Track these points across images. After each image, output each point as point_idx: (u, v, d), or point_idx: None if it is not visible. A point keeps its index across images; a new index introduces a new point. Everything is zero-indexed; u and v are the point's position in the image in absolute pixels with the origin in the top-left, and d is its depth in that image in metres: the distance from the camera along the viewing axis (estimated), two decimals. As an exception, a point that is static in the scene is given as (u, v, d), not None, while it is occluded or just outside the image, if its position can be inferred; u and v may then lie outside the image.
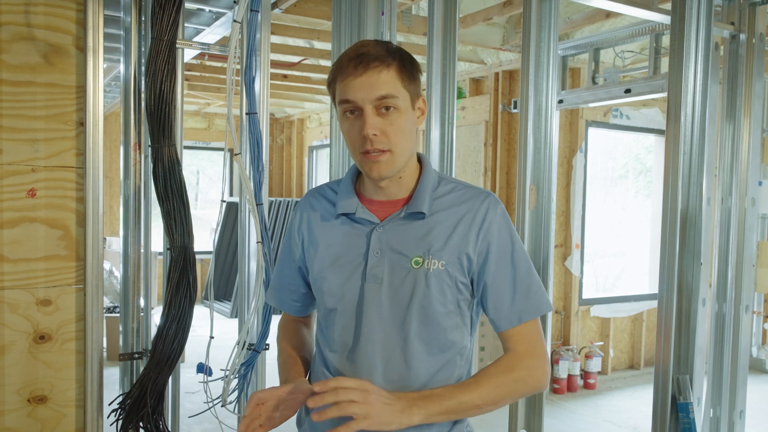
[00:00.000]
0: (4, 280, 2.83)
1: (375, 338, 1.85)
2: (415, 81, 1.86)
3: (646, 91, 5.36)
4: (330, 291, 1.90)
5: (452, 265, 1.83)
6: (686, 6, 3.37)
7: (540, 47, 3.52)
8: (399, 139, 1.80)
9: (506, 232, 1.89)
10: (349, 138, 1.82)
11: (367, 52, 1.79)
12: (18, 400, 2.89)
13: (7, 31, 2.79)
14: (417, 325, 1.83)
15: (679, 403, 3.44)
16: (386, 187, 1.89)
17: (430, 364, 1.86)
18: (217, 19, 4.19)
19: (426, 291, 1.82)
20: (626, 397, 7.19)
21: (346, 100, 1.78)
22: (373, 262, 1.85)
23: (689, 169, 3.43)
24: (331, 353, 1.93)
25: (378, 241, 1.86)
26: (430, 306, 1.83)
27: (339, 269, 1.89)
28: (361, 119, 1.77)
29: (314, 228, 1.97)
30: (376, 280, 1.84)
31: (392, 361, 1.84)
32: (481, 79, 7.99)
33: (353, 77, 1.77)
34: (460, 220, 1.86)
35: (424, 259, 1.83)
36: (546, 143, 3.54)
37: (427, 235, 1.85)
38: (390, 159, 1.80)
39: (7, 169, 2.81)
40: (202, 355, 3.41)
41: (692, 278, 3.45)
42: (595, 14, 5.58)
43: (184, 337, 3.15)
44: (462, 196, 1.91)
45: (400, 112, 1.80)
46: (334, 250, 1.91)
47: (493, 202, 1.90)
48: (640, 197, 9.30)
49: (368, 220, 1.89)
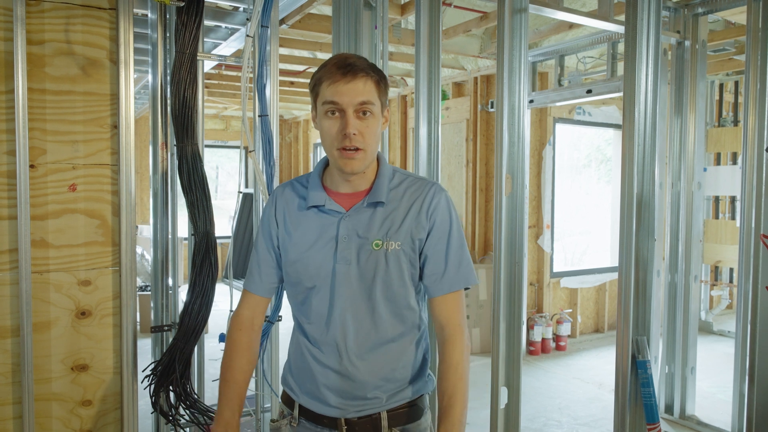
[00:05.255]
0: (50, 264, 2.84)
1: (347, 308, 1.90)
2: (385, 94, 1.92)
3: (605, 92, 5.37)
4: (307, 272, 1.93)
5: (406, 244, 1.90)
6: (637, 18, 3.37)
7: (512, 55, 3.51)
8: (371, 139, 1.85)
9: (447, 214, 1.95)
10: (328, 135, 1.85)
11: (354, 63, 1.83)
12: (63, 368, 2.89)
13: (50, 47, 2.79)
14: (381, 296, 1.89)
15: (638, 361, 3.45)
16: (352, 180, 1.93)
17: (394, 326, 1.94)
18: (232, 34, 4.19)
19: (386, 268, 1.88)
20: (593, 357, 7.21)
21: (332, 102, 1.81)
22: (343, 246, 1.89)
23: (643, 159, 3.44)
24: (308, 324, 1.97)
25: (345, 228, 1.90)
26: (390, 280, 1.89)
27: (314, 253, 1.92)
28: (343, 120, 1.81)
29: (288, 218, 2.00)
30: (345, 261, 1.89)
31: (363, 326, 1.91)
32: (463, 83, 7.96)
33: (342, 83, 1.80)
34: (411, 206, 1.92)
35: (383, 242, 1.88)
36: (519, 138, 3.55)
37: (385, 221, 1.90)
38: (362, 156, 1.85)
39: (51, 167, 2.81)
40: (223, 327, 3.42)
41: (647, 252, 3.46)
42: (560, 25, 5.56)
43: (207, 311, 3.16)
44: (412, 185, 1.97)
45: (375, 117, 1.85)
46: (308, 237, 1.94)
47: (438, 189, 1.97)
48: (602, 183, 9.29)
49: (335, 210, 1.92)
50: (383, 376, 1.93)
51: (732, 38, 5.70)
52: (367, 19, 3.93)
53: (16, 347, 2.76)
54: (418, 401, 2.01)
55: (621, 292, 3.48)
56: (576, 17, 4.22)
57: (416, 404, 2.00)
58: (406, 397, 1.98)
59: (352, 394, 1.92)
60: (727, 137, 7.54)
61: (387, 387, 1.94)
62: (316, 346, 1.96)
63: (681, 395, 5.30)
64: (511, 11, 3.51)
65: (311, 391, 1.97)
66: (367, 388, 1.92)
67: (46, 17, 2.77)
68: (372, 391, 1.93)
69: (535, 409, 5.52)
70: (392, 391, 1.95)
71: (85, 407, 2.95)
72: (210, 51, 4.50)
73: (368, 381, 1.92)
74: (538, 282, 7.61)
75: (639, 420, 3.49)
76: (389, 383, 1.94)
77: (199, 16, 3.11)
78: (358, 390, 1.92)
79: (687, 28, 5.14)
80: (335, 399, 1.93)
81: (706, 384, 6.08)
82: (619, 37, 5.34)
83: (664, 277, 5.43)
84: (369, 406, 1.93)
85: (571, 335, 7.80)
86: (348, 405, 1.93)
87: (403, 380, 1.97)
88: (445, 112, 7.94)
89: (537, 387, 6.10)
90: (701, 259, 5.38)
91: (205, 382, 3.60)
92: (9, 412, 2.78)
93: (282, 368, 2.16)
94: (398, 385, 1.96)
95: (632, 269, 3.45)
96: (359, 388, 1.92)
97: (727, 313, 8.76)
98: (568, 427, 5.18)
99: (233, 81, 8.33)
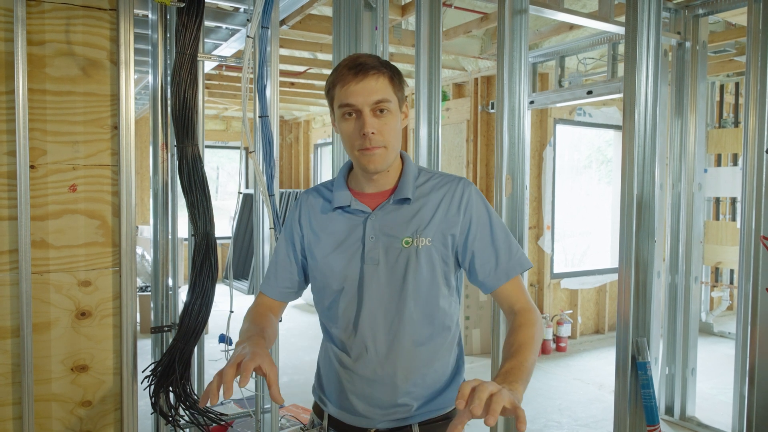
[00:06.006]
0: (50, 264, 2.84)
1: (375, 311, 1.86)
2: (401, 89, 1.89)
3: (605, 93, 5.37)
4: (334, 274, 1.90)
5: (437, 240, 1.85)
6: (638, 19, 3.37)
7: (512, 56, 3.52)
8: (391, 136, 1.82)
9: (482, 206, 1.91)
10: (348, 137, 1.82)
11: (365, 62, 1.80)
12: (63, 369, 2.90)
13: (51, 48, 2.79)
14: (411, 296, 1.84)
15: (638, 362, 3.45)
16: (376, 179, 1.90)
17: (424, 327, 1.88)
18: (232, 34, 4.19)
19: (417, 266, 1.83)
20: (593, 358, 7.21)
21: (347, 104, 1.78)
22: (370, 245, 1.86)
23: (643, 160, 3.44)
24: (335, 329, 1.94)
25: (372, 228, 1.87)
26: (421, 278, 1.84)
27: (340, 254, 1.89)
28: (360, 120, 1.78)
29: (314, 220, 1.97)
30: (373, 262, 1.85)
31: (392, 328, 1.85)
32: (463, 84, 7.96)
33: (354, 83, 1.77)
34: (440, 202, 1.88)
35: (413, 239, 1.84)
36: (519, 139, 3.55)
37: (413, 218, 1.86)
38: (384, 153, 1.82)
39: (51, 168, 2.81)
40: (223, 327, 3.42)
41: (647, 254, 3.46)
42: (561, 27, 5.56)
43: (207, 312, 3.16)
44: (440, 182, 1.93)
45: (392, 114, 1.82)
46: (334, 239, 1.91)
47: (467, 183, 1.93)
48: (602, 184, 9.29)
49: (361, 210, 1.89)
50: (413, 380, 1.87)
51: (733, 39, 5.70)
52: (368, 19, 3.93)
53: (16, 348, 2.76)
54: (452, 414, 1.94)
55: (621, 294, 3.48)
56: (576, 18, 4.22)
57: (450, 418, 1.93)
58: (439, 408, 1.92)
59: (381, 401, 1.87)
60: (727, 138, 7.54)
61: (417, 393, 1.88)
62: (344, 350, 1.91)
63: (681, 396, 5.30)
64: (511, 12, 3.51)
65: (339, 401, 1.94)
66: (396, 393, 1.86)
67: (46, 18, 2.77)
68: (402, 398, 1.87)
69: (535, 410, 5.52)
70: (423, 399, 1.89)
71: (85, 408, 2.95)
72: (210, 52, 4.50)
73: (397, 386, 1.86)
74: (538, 283, 7.61)
75: (639, 421, 3.49)
76: (419, 389, 1.88)
77: (199, 16, 3.11)
78: (387, 396, 1.87)
79: (687, 29, 5.15)
80: (363, 407, 1.89)
81: (707, 385, 6.08)
82: (620, 38, 5.34)
83: (665, 278, 5.44)
84: (399, 414, 1.88)
85: (572, 336, 7.80)
86: (377, 413, 1.88)
87: (435, 387, 1.91)
88: (445, 113, 7.94)
89: (537, 388, 6.11)
90: (702, 260, 5.39)
91: (205, 383, 3.60)
92: (9, 412, 2.78)
93: (281, 368, 2.14)
94: (429, 393, 1.90)
95: (632, 270, 3.46)
96: (388, 394, 1.87)
97: (728, 315, 8.77)
98: (569, 428, 5.18)
99: (234, 81, 8.33)
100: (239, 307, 3.14)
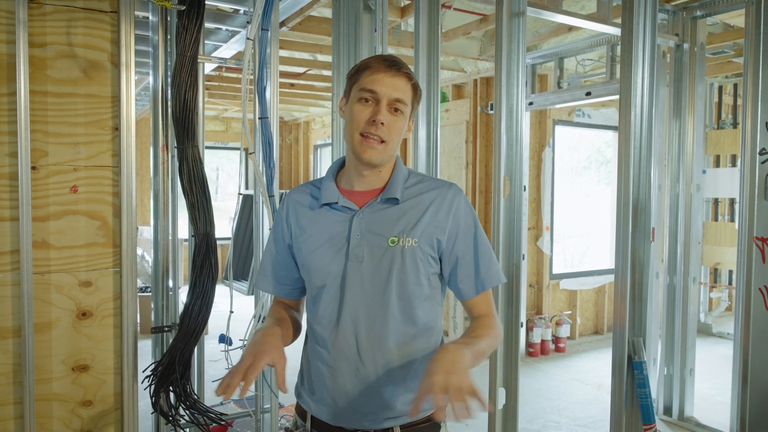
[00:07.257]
0: (51, 264, 2.86)
1: (358, 308, 1.87)
2: (417, 102, 1.95)
3: (604, 94, 5.40)
4: (317, 269, 1.92)
5: (423, 242, 1.88)
6: (633, 21, 3.39)
7: (510, 58, 3.54)
8: (395, 135, 1.87)
9: (470, 215, 1.96)
10: (356, 119, 1.85)
11: (399, 62, 1.88)
12: (63, 368, 2.91)
13: (52, 50, 2.81)
14: (395, 296, 1.86)
15: (634, 362, 3.47)
16: (367, 176, 1.93)
17: (407, 330, 1.89)
18: (232, 36, 4.21)
19: (402, 265, 1.85)
20: (592, 359, 7.23)
21: (371, 90, 1.83)
22: (355, 243, 1.88)
23: (639, 161, 3.46)
24: (318, 326, 1.95)
25: (358, 225, 1.89)
26: (406, 278, 1.86)
27: (325, 251, 1.91)
28: (375, 108, 1.83)
29: (301, 217, 1.99)
30: (357, 259, 1.87)
31: (374, 328, 1.87)
32: (462, 85, 7.98)
33: (384, 74, 1.83)
34: (430, 205, 1.91)
35: (399, 238, 1.86)
36: (517, 140, 3.57)
37: (401, 218, 1.89)
38: (383, 149, 1.85)
39: (52, 169, 2.83)
40: (223, 328, 3.44)
41: (644, 255, 3.48)
42: (559, 28, 5.59)
43: (207, 312, 3.17)
44: (430, 185, 1.96)
45: (403, 117, 1.88)
46: (321, 235, 1.93)
47: (457, 190, 1.96)
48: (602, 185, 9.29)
49: (348, 207, 1.92)
50: (395, 380, 1.87)
51: (731, 41, 5.73)
52: (367, 21, 3.95)
53: (18, 348, 2.78)
54: (435, 417, 1.93)
55: (617, 294, 3.50)
56: (575, 20, 4.24)
57: (432, 421, 1.93)
58: (423, 411, 1.90)
59: (363, 401, 1.87)
60: (726, 139, 7.56)
61: (399, 392, 1.87)
62: (325, 348, 1.91)
63: (680, 397, 5.32)
64: (509, 15, 3.53)
65: (322, 400, 1.93)
66: (378, 393, 1.86)
67: (47, 20, 2.80)
68: (384, 398, 1.87)
69: (534, 411, 5.54)
70: (406, 400, 1.87)
71: (86, 407, 2.97)
72: (210, 53, 4.52)
73: (380, 385, 1.86)
74: (537, 283, 7.62)
75: (635, 420, 3.51)
76: (401, 389, 1.88)
77: (199, 18, 3.12)
78: (370, 396, 1.87)
79: (686, 30, 5.17)
80: (346, 406, 1.88)
81: (705, 386, 6.10)
82: (618, 39, 5.35)
83: (663, 279, 5.45)
84: (382, 415, 1.87)
85: (571, 337, 7.81)
86: (359, 414, 1.88)
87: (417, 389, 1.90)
88: (445, 114, 7.96)
89: (536, 388, 6.12)
90: (700, 261, 5.41)
91: (204, 383, 3.62)
92: (10, 412, 2.80)
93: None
94: (412, 394, 1.84)
95: (628, 271, 3.47)
96: (370, 394, 1.87)
97: (726, 315, 8.78)
98: (567, 429, 5.20)
99: (234, 83, 8.34)
100: (239, 307, 3.18)
